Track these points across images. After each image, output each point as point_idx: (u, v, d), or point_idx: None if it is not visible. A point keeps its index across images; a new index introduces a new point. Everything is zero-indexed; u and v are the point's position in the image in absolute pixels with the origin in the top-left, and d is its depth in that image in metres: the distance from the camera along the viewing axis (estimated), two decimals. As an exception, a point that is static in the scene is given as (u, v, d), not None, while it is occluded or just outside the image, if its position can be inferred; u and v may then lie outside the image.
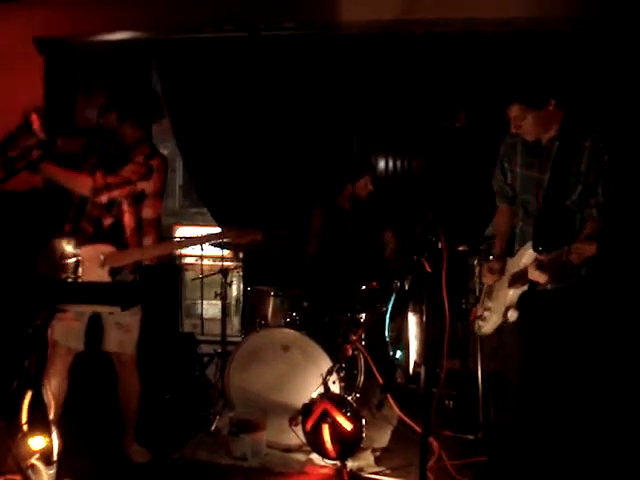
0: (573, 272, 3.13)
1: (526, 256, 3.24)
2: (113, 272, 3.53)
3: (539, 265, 3.07)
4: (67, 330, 3.57)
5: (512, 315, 3.28)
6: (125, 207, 3.63)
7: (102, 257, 3.52)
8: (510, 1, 4.96)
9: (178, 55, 5.82)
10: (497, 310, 3.42)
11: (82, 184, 3.54)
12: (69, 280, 3.44)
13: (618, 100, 4.83)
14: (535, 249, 3.15)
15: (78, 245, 3.54)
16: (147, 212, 3.69)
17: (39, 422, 2.78)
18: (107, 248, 3.54)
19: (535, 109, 3.13)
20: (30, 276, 3.29)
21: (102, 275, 3.50)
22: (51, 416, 2.83)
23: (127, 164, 3.60)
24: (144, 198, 3.66)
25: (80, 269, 3.51)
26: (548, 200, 3.25)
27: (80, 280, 3.47)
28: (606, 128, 3.21)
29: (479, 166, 4.85)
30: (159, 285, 3.85)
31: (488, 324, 3.51)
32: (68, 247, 3.53)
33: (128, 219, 3.64)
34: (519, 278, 3.26)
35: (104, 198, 3.56)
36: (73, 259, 3.51)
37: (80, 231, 3.62)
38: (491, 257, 3.59)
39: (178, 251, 6.26)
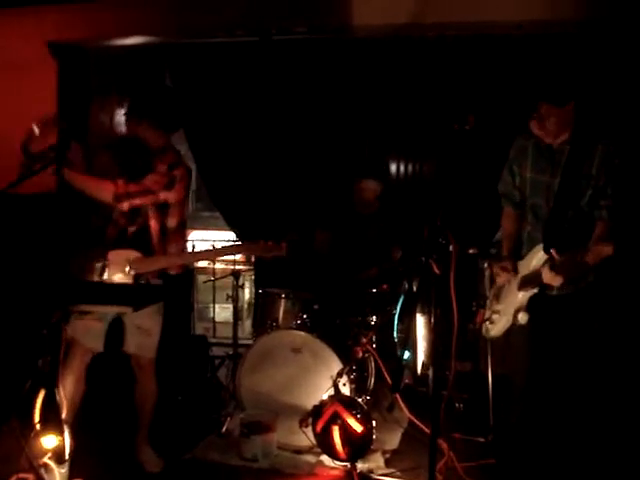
0: (586, 275, 3.13)
1: (536, 258, 3.24)
2: (137, 278, 3.57)
3: (552, 266, 3.06)
4: (87, 330, 3.60)
5: (522, 318, 3.27)
6: (151, 214, 3.67)
7: (128, 262, 3.55)
8: (522, 4, 4.94)
9: (190, 59, 5.85)
10: (506, 313, 3.42)
11: (104, 191, 3.58)
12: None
13: (629, 104, 4.82)
14: (546, 251, 3.15)
15: (105, 249, 3.59)
16: (171, 221, 3.74)
17: (52, 421, 2.80)
18: (134, 254, 3.58)
19: (559, 107, 3.15)
20: (44, 277, 3.32)
21: (127, 280, 3.54)
22: (64, 415, 2.86)
23: (150, 173, 3.63)
24: (168, 207, 3.70)
25: (106, 272, 3.55)
26: (559, 203, 3.25)
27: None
28: (617, 132, 3.22)
29: (490, 169, 4.84)
30: (173, 288, 3.89)
31: (497, 327, 3.51)
32: (95, 250, 3.58)
33: (154, 226, 3.68)
34: (530, 280, 3.25)
35: (125, 206, 3.60)
36: (100, 262, 3.55)
37: (105, 236, 3.66)
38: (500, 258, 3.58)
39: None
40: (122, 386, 4.06)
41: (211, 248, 4.48)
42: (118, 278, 3.53)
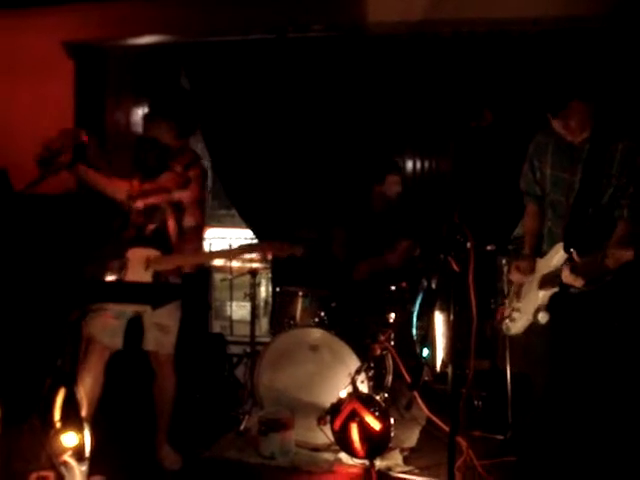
0: (607, 276, 3.09)
1: (557, 257, 3.20)
2: (156, 275, 3.59)
3: (573, 269, 3.02)
4: (104, 327, 3.62)
5: (543, 317, 3.24)
6: (169, 213, 3.70)
7: (147, 260, 3.58)
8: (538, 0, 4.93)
9: (206, 58, 5.87)
10: (526, 311, 3.39)
11: (118, 189, 3.61)
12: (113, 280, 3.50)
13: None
14: (566, 250, 3.12)
15: (123, 248, 3.61)
16: (188, 220, 3.77)
17: (72, 419, 2.82)
18: (153, 252, 3.61)
19: (589, 103, 3.11)
20: (64, 275, 3.34)
21: (146, 277, 3.56)
22: (83, 413, 2.87)
23: (165, 172, 3.65)
24: (184, 207, 3.73)
25: (125, 270, 3.57)
26: (579, 201, 3.22)
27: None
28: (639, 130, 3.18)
29: (507, 165, 4.83)
30: (190, 286, 3.92)
31: (517, 324, 3.48)
32: (115, 248, 3.60)
33: (172, 225, 3.71)
34: (551, 280, 3.22)
35: (140, 204, 3.63)
36: (119, 260, 3.57)
37: (124, 234, 3.69)
38: (520, 256, 3.56)
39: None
40: (142, 384, 4.08)
41: (228, 247, 4.48)
42: (137, 276, 3.55)
